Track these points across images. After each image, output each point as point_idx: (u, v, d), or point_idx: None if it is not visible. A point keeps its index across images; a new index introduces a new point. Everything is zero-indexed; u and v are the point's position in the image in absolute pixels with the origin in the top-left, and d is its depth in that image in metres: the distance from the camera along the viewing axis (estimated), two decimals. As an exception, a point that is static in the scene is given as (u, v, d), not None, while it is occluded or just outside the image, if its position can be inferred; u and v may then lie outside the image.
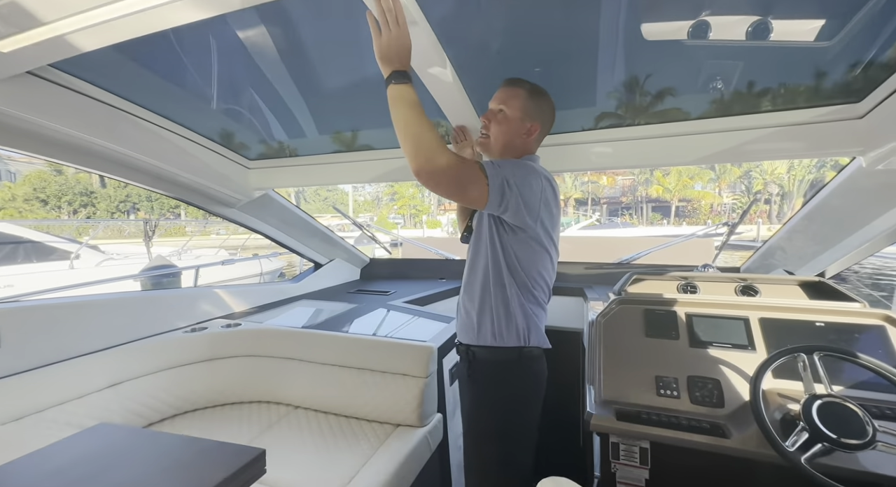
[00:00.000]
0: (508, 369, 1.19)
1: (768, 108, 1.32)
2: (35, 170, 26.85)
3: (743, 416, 1.05)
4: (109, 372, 1.45)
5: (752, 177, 28.55)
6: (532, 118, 1.17)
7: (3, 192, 25.76)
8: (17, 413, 1.20)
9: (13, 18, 0.86)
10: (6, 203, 24.83)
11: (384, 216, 30.31)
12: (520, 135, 1.17)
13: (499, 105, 1.17)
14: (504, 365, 1.19)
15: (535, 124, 1.18)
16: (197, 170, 1.75)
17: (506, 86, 1.19)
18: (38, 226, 6.00)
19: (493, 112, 1.19)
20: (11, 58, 0.99)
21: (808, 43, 1.15)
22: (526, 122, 1.17)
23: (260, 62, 1.46)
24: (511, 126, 1.16)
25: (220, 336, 1.76)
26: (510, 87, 1.18)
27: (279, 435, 1.51)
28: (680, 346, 1.26)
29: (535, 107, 1.17)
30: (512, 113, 1.16)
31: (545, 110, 1.19)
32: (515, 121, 1.16)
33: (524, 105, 1.16)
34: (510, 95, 1.17)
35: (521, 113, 1.16)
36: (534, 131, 1.18)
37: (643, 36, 1.19)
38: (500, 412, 1.19)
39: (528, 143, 1.20)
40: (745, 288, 1.50)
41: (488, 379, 1.20)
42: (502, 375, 1.19)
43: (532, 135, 1.19)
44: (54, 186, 26.83)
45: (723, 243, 2.23)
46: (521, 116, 1.16)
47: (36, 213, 25.39)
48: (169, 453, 0.80)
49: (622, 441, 1.14)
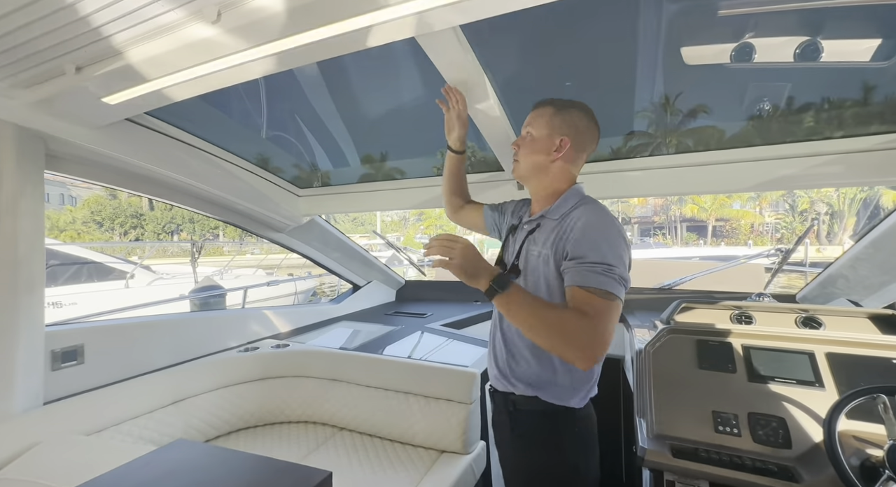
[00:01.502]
0: (565, 427, 1.05)
1: (814, 132, 1.29)
2: (93, 195, 29.23)
3: (814, 459, 0.99)
4: (173, 389, 1.55)
5: (797, 195, 27.08)
6: (560, 132, 1.07)
7: (66, 216, 28.12)
8: (98, 426, 1.30)
9: (127, 77, 0.99)
10: (67, 225, 27.04)
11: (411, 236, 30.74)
12: (548, 152, 1.07)
13: (526, 128, 1.12)
14: (557, 421, 1.05)
15: (564, 139, 1.06)
16: (254, 198, 1.88)
17: (533, 108, 1.14)
18: (96, 248, 6.50)
19: (521, 137, 1.14)
20: (116, 109, 1.14)
21: (864, 63, 1.13)
22: (554, 139, 1.07)
23: (308, 93, 1.60)
24: (537, 145, 1.08)
25: (270, 356, 1.84)
26: (536, 109, 1.12)
27: (327, 457, 1.54)
28: (738, 380, 1.21)
29: (562, 121, 1.08)
30: (538, 132, 1.09)
31: (576, 124, 1.08)
32: (542, 140, 1.08)
33: (550, 121, 1.08)
34: (536, 116, 1.11)
35: (547, 130, 1.08)
36: (564, 145, 1.06)
37: (683, 60, 1.21)
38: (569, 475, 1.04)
39: (564, 167, 1.09)
40: (807, 319, 1.43)
41: (543, 440, 1.04)
42: (559, 434, 1.04)
43: (563, 151, 1.06)
44: (109, 210, 29.04)
45: (776, 270, 2.14)
46: (547, 133, 1.07)
47: (92, 235, 27.45)
48: (243, 471, 0.85)
49: (678, 479, 1.10)
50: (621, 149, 1.57)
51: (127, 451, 1.01)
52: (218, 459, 0.90)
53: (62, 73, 1.01)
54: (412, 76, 1.46)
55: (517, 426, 1.08)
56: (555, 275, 1.00)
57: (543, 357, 1.04)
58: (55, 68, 1.01)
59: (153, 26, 0.86)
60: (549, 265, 1.01)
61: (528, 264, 1.07)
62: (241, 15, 0.81)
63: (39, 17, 0.83)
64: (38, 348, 1.24)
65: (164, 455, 0.91)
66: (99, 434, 1.29)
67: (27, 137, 1.18)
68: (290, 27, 0.84)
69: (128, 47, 0.93)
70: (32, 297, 1.21)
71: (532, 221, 1.12)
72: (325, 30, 0.84)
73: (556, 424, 1.04)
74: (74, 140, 1.24)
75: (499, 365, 1.12)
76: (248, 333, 2.07)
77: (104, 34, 0.88)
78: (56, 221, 26.94)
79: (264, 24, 0.83)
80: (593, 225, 0.97)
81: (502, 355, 1.11)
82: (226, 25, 0.84)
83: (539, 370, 1.04)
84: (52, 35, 0.89)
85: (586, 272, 0.90)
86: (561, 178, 1.10)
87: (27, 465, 1.06)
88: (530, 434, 1.06)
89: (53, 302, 4.88)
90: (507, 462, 1.15)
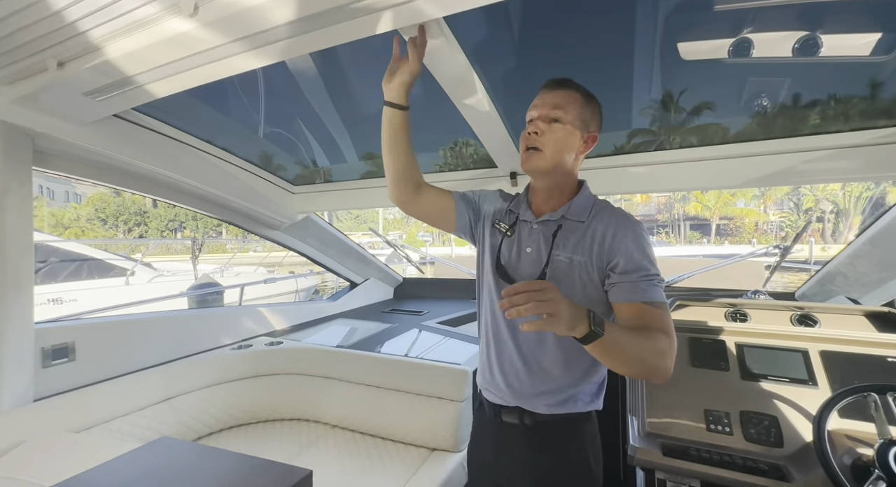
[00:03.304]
0: (583, 428, 1.00)
1: (820, 129, 1.27)
2: (97, 192, 29.45)
3: (805, 458, 0.98)
4: (165, 386, 1.55)
5: (802, 193, 26.82)
6: (588, 127, 0.95)
7: (70, 213, 28.34)
8: (88, 423, 1.30)
9: (108, 72, 0.99)
10: (72, 222, 27.25)
11: (413, 234, 30.76)
12: (576, 148, 0.94)
13: (552, 111, 0.91)
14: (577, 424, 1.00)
15: (591, 134, 0.95)
16: (247, 196, 1.87)
17: (556, 88, 0.94)
18: (98, 245, 6.54)
19: (544, 119, 0.92)
20: (101, 105, 1.13)
21: (864, 58, 1.11)
22: (583, 133, 0.94)
23: (305, 91, 1.58)
24: (571, 138, 0.92)
25: (264, 353, 1.84)
26: (564, 90, 0.93)
27: (317, 455, 1.54)
28: (730, 378, 1.20)
29: (592, 113, 0.95)
30: (570, 118, 0.91)
31: (599, 120, 0.98)
32: (575, 133, 0.92)
33: (581, 112, 0.93)
34: (565, 100, 0.92)
35: (579, 121, 0.93)
36: (591, 142, 0.96)
37: (681, 56, 1.19)
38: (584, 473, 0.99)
39: (577, 164, 0.98)
40: (803, 317, 1.41)
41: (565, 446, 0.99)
42: (579, 437, 0.99)
43: (589, 148, 0.96)
44: (113, 207, 29.24)
45: (774, 267, 2.11)
46: (580, 125, 0.93)
47: (96, 232, 27.66)
48: (224, 470, 0.84)
49: (669, 478, 1.09)
50: (624, 147, 1.55)
51: (114, 449, 1.01)
52: (200, 457, 0.90)
53: (44, 68, 1.01)
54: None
55: (535, 437, 0.99)
56: (595, 286, 0.91)
57: (575, 369, 0.96)
58: (37, 64, 1.01)
59: (130, 20, 0.85)
60: (587, 274, 0.91)
61: (556, 271, 0.93)
62: (219, 7, 0.80)
63: (15, 10, 0.82)
64: (28, 345, 1.24)
65: (146, 452, 0.90)
66: (88, 432, 1.29)
67: (13, 133, 1.18)
68: (269, 20, 0.82)
69: (106, 42, 0.92)
70: (20, 294, 1.21)
71: (550, 222, 0.97)
72: (305, 23, 0.83)
73: (576, 427, 0.99)
74: (62, 136, 1.23)
75: (509, 382, 0.99)
76: (243, 330, 2.06)
77: (82, 29, 0.88)
78: (61, 218, 27.16)
79: (242, 17, 0.82)
80: (639, 234, 0.91)
81: (517, 372, 0.98)
82: (203, 19, 0.82)
83: (566, 382, 0.96)
84: (31, 29, 0.88)
85: (648, 287, 0.86)
86: (575, 174, 1.00)
87: (14, 462, 1.06)
88: (549, 443, 0.98)
89: (53, 299, 4.91)
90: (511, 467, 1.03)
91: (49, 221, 25.66)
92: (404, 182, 1.04)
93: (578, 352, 0.91)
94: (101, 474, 0.82)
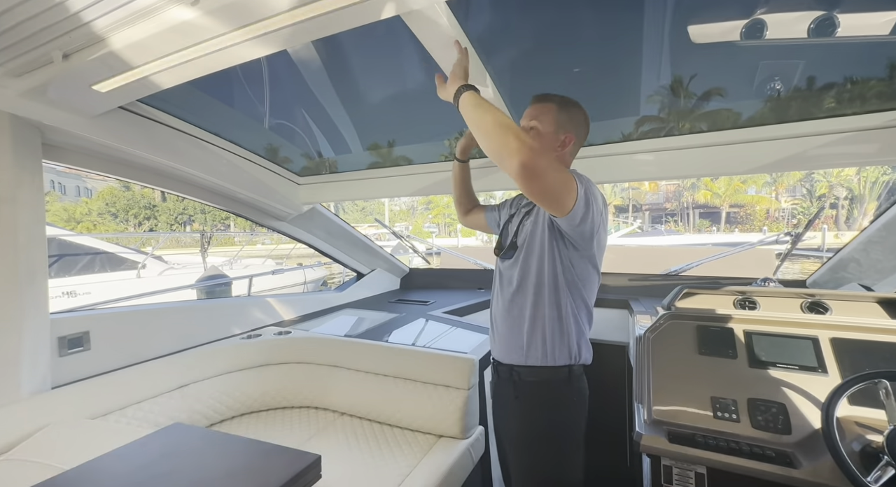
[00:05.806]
0: (559, 389, 1.17)
1: (835, 112, 1.24)
2: (107, 187, 29.82)
3: (813, 445, 0.97)
4: (177, 375, 1.58)
5: (815, 179, 26.19)
6: (565, 129, 1.16)
7: (82, 207, 28.76)
8: (104, 410, 1.34)
9: (113, 64, 0.99)
10: (83, 216, 27.68)
11: (419, 225, 30.78)
12: (554, 148, 1.15)
13: (530, 121, 1.16)
14: (554, 385, 1.17)
15: (568, 135, 1.16)
16: (253, 187, 1.88)
17: (535, 102, 1.18)
18: (110, 238, 6.65)
19: (524, 130, 1.15)
20: (107, 97, 1.14)
21: (883, 37, 1.07)
22: (560, 135, 1.15)
23: (310, 83, 1.57)
24: (544, 141, 1.14)
25: (273, 342, 1.87)
26: (540, 103, 1.17)
27: (326, 441, 1.57)
28: (738, 366, 1.19)
29: (567, 118, 1.16)
30: (545, 127, 1.14)
31: (578, 121, 1.18)
32: (549, 136, 1.14)
33: (556, 118, 1.15)
34: (541, 111, 1.16)
35: (553, 126, 1.14)
36: (568, 142, 1.16)
37: (690, 39, 1.16)
38: (554, 434, 1.17)
39: (563, 156, 1.18)
40: (813, 304, 1.39)
41: (538, 400, 1.18)
42: (553, 395, 1.17)
43: (566, 147, 1.16)
44: (123, 201, 29.62)
45: (785, 254, 2.08)
46: (553, 129, 1.14)
47: (107, 226, 28.09)
48: (235, 454, 0.87)
49: (675, 464, 1.09)
50: (632, 135, 1.53)
51: (130, 434, 1.04)
52: (211, 442, 0.92)
53: (50, 60, 1.01)
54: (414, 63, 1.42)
55: (520, 393, 1.20)
56: (547, 235, 1.14)
57: (537, 324, 1.17)
58: (43, 56, 1.01)
59: (132, 10, 0.85)
60: (539, 225, 1.16)
61: (526, 238, 1.19)
62: None
63: (19, 1, 0.82)
64: (44, 334, 1.27)
65: (160, 437, 0.93)
66: (105, 418, 1.33)
67: (22, 126, 1.19)
68: (271, 8, 0.82)
69: (110, 33, 0.92)
70: (35, 285, 1.23)
71: (528, 205, 1.25)
72: (306, 9, 0.82)
73: (556, 384, 1.18)
74: (70, 129, 1.24)
75: (499, 338, 1.26)
76: (252, 320, 2.09)
77: (85, 20, 0.88)
78: (73, 213, 27.59)
79: (245, 5, 0.81)
80: None
81: (500, 329, 1.25)
82: (206, 7, 0.82)
83: (530, 338, 1.17)
84: (35, 21, 0.88)
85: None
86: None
87: (35, 447, 1.09)
88: (530, 396, 1.19)
89: (68, 292, 5.02)
90: (510, 428, 1.27)
91: (62, 216, 26.08)
92: (459, 206, 1.56)
93: (522, 291, 1.18)
94: (117, 457, 0.85)
